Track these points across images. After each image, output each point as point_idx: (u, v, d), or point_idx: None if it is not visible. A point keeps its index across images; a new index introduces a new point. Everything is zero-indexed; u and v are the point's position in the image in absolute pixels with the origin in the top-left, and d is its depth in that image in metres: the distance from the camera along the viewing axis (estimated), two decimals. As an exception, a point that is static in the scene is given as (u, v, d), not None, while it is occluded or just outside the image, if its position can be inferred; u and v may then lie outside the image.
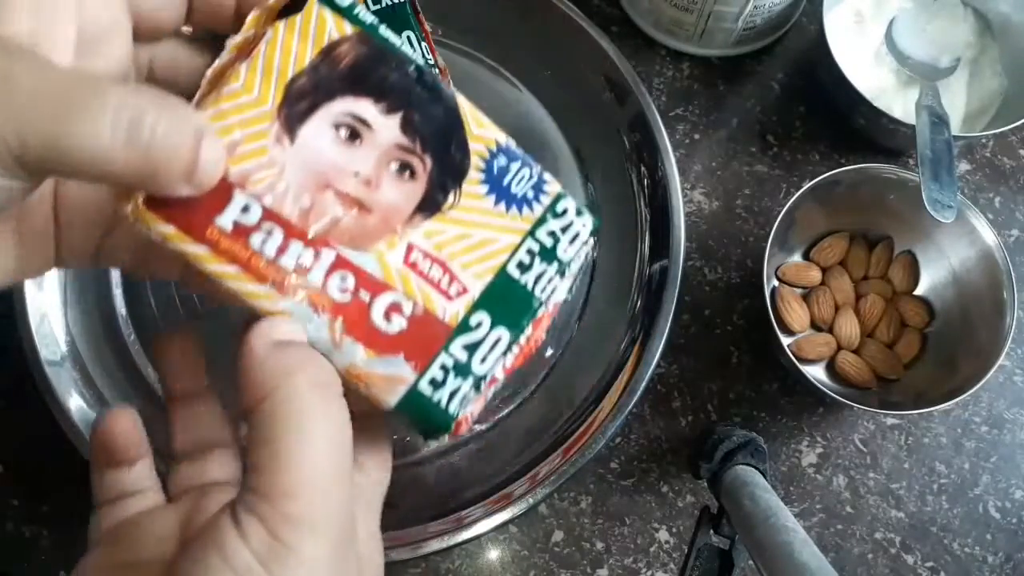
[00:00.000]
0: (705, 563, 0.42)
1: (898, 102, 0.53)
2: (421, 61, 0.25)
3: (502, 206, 0.25)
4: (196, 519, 0.26)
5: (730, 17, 0.51)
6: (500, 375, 0.26)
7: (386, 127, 0.24)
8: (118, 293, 0.50)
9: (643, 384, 0.47)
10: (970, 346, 0.48)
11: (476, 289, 0.25)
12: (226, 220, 0.23)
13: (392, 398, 0.24)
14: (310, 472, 0.19)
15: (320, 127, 0.24)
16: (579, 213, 0.26)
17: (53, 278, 0.49)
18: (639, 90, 0.51)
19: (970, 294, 0.49)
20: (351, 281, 0.24)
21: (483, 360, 0.25)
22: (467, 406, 0.25)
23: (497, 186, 0.25)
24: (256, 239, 0.23)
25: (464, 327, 0.25)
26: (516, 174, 0.26)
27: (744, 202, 0.54)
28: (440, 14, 0.53)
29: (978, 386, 0.44)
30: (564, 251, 0.26)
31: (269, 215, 0.23)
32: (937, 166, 0.45)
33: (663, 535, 0.50)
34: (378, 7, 0.49)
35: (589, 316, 0.50)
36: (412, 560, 0.48)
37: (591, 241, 0.27)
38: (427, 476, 0.48)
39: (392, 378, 0.24)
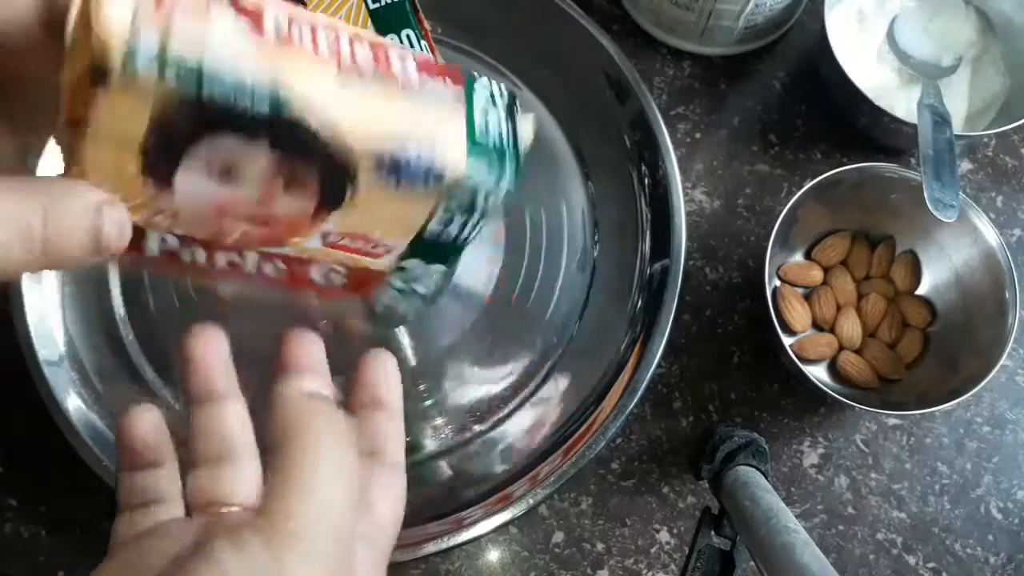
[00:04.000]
0: (706, 564, 0.42)
1: (900, 101, 0.52)
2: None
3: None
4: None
5: (731, 15, 0.51)
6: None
7: (258, 150, 0.22)
8: (116, 293, 0.50)
9: (644, 384, 0.47)
10: (972, 346, 0.47)
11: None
12: (153, 246, 0.24)
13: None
14: (311, 501, 0.22)
15: (193, 174, 0.22)
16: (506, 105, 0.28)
17: (52, 278, 0.49)
18: (640, 89, 0.51)
19: (972, 294, 0.49)
20: (282, 265, 0.25)
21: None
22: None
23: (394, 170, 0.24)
24: (185, 254, 0.24)
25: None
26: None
27: (745, 201, 0.54)
28: (440, 13, 0.53)
29: (980, 386, 0.44)
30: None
31: (186, 240, 0.24)
32: (939, 165, 0.45)
33: (664, 536, 0.49)
34: (377, 5, 0.49)
35: (589, 316, 0.50)
36: (412, 561, 0.47)
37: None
38: (427, 476, 0.48)
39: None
